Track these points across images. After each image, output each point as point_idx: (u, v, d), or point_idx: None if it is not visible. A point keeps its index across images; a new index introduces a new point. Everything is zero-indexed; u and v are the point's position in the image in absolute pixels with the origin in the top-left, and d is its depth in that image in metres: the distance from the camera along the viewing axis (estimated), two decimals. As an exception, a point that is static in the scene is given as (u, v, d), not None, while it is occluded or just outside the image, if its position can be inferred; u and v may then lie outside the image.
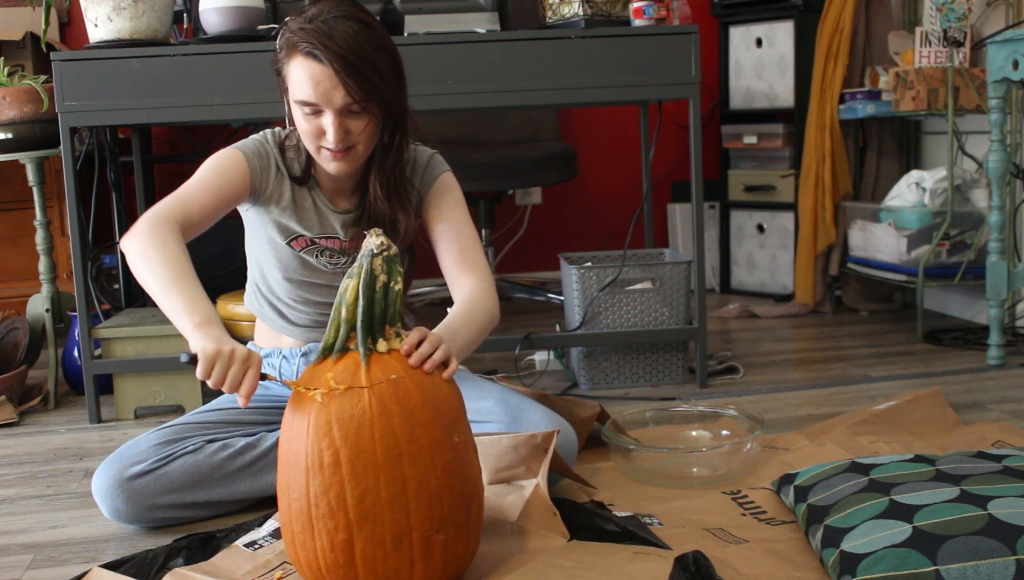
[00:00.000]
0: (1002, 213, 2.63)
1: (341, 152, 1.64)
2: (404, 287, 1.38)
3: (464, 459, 1.34)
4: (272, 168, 1.75)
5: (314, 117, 1.61)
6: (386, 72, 1.61)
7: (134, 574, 1.47)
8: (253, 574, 1.45)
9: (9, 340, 2.67)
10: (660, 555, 1.40)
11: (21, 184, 3.04)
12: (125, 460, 1.68)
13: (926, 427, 2.02)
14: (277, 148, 1.76)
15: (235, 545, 1.55)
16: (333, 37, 1.55)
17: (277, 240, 1.80)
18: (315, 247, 1.81)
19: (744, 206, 3.79)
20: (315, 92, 1.57)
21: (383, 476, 1.26)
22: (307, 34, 1.56)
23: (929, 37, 3.00)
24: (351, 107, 1.59)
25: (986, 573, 1.23)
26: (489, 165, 3.40)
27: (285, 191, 1.76)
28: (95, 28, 2.32)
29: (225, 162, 1.71)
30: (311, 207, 1.79)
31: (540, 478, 1.56)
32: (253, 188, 1.74)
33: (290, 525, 1.31)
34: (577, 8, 2.44)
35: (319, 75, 1.56)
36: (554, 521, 1.51)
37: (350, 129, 1.62)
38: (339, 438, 1.27)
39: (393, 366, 1.32)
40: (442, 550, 1.30)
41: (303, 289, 1.84)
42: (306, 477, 1.28)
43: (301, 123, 1.64)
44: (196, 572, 1.45)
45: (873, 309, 3.40)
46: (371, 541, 1.26)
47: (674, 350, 2.57)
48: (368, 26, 1.60)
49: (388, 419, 1.27)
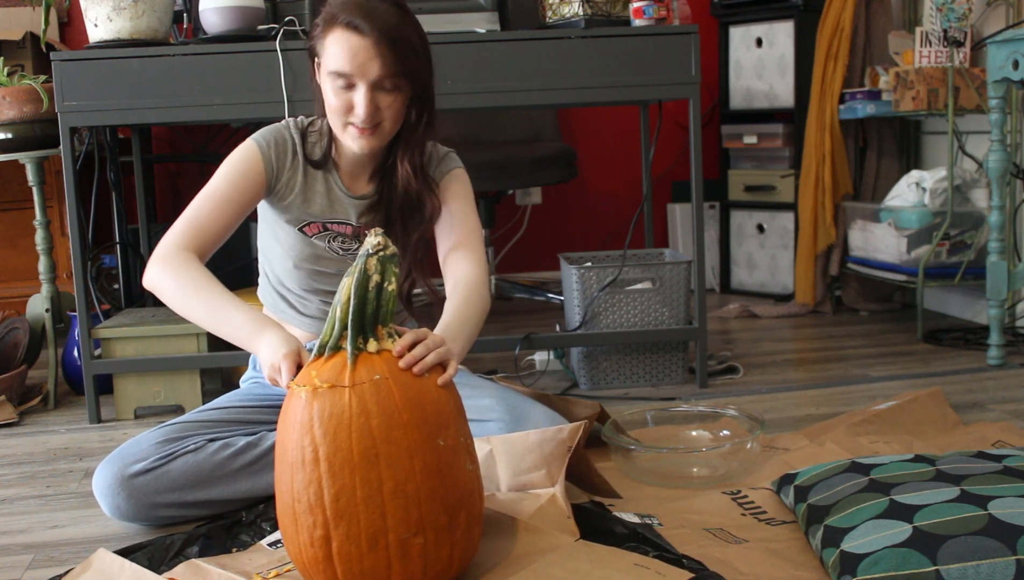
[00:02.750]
0: (1002, 213, 2.63)
1: (369, 129, 1.67)
2: (422, 278, 1.38)
3: (451, 463, 1.31)
4: (288, 154, 1.78)
5: (345, 91, 1.64)
6: (421, 52, 1.67)
7: (149, 558, 1.49)
8: (265, 567, 1.46)
9: (9, 340, 2.67)
10: (661, 572, 1.36)
11: (21, 184, 3.04)
12: (126, 458, 1.68)
13: (926, 427, 2.02)
14: (299, 133, 1.80)
15: (260, 545, 1.56)
16: (373, 13, 1.61)
17: (288, 227, 1.82)
18: (327, 233, 1.83)
19: (744, 206, 3.79)
20: (352, 63, 1.61)
21: (359, 476, 1.26)
22: (349, 8, 1.62)
23: (929, 37, 3.00)
24: (384, 82, 1.63)
25: (986, 573, 1.23)
26: (489, 165, 3.40)
27: (298, 176, 1.79)
28: (95, 28, 2.32)
29: (239, 167, 1.74)
30: (323, 191, 1.80)
31: (558, 487, 1.55)
32: (270, 180, 1.77)
33: (282, 518, 1.33)
34: (577, 8, 2.44)
35: (357, 46, 1.61)
36: (567, 523, 1.50)
37: (380, 105, 1.65)
38: (319, 435, 1.27)
39: (379, 367, 1.31)
40: (421, 554, 1.28)
41: (312, 278, 1.85)
42: (291, 472, 1.29)
43: (330, 98, 1.66)
44: (210, 563, 1.46)
45: (873, 309, 3.40)
46: (347, 539, 1.27)
47: (674, 350, 2.57)
48: (406, 11, 1.67)
49: (366, 419, 1.27)
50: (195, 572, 1.45)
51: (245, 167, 1.74)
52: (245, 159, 1.75)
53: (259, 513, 1.68)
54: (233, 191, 1.72)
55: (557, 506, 1.53)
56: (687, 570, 1.36)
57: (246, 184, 1.74)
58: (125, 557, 1.49)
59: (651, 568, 1.37)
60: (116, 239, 2.99)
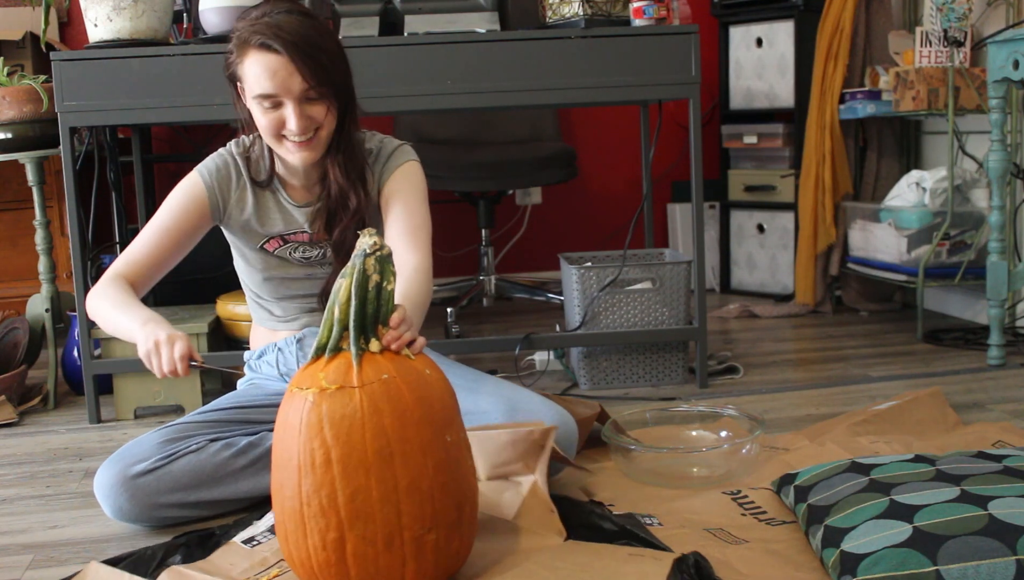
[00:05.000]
0: (1002, 213, 2.63)
1: (305, 141, 1.70)
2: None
3: (457, 458, 1.34)
4: (232, 179, 1.83)
5: (274, 110, 1.67)
6: (335, 56, 1.69)
7: (132, 570, 1.47)
8: (249, 572, 1.45)
9: (9, 340, 2.67)
10: (656, 557, 1.39)
11: (21, 184, 3.04)
12: (128, 459, 1.68)
13: (926, 427, 2.02)
14: (242, 157, 1.84)
15: (233, 542, 1.55)
16: (283, 27, 1.64)
17: (250, 245, 1.87)
18: (287, 245, 1.87)
19: (744, 206, 3.79)
20: (273, 82, 1.64)
21: (374, 475, 1.26)
22: (257, 28, 1.65)
23: (929, 37, 3.00)
24: (308, 93, 1.66)
25: (986, 573, 1.23)
26: (489, 165, 3.40)
27: (247, 198, 1.83)
28: (95, 28, 2.32)
29: (180, 198, 1.81)
30: (274, 207, 1.85)
31: (538, 475, 1.56)
32: (214, 208, 1.83)
33: (283, 523, 1.32)
34: (577, 8, 2.44)
35: (275, 64, 1.63)
36: (551, 518, 1.51)
37: (311, 115, 1.68)
38: (330, 437, 1.27)
39: (385, 366, 1.32)
40: (434, 549, 1.30)
41: (283, 285, 1.89)
42: (298, 476, 1.28)
43: (261, 119, 1.70)
44: (193, 570, 1.45)
45: (873, 309, 3.40)
46: (362, 540, 1.27)
47: (674, 350, 2.57)
48: (311, 17, 1.69)
49: (379, 419, 1.27)
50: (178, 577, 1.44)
51: (186, 199, 1.81)
52: (186, 192, 1.82)
53: (239, 520, 1.65)
54: (172, 221, 1.80)
55: (539, 498, 1.54)
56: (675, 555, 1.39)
57: (186, 215, 1.80)
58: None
59: (646, 555, 1.40)
60: (116, 239, 2.99)
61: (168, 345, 1.57)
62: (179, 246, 1.82)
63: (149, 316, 1.65)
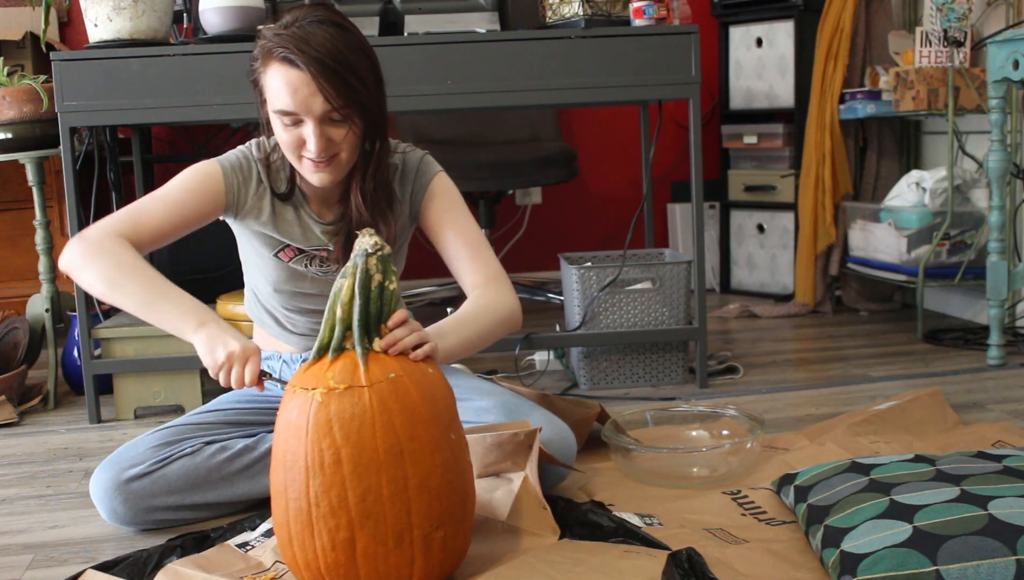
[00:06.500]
0: (1002, 213, 2.63)
1: (324, 162, 1.59)
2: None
3: (460, 456, 1.35)
4: (253, 182, 1.72)
5: (294, 127, 1.57)
6: (365, 75, 1.56)
7: (128, 574, 1.47)
8: (246, 572, 1.45)
9: (9, 340, 2.67)
10: (651, 554, 1.40)
11: (21, 184, 3.04)
12: (123, 462, 1.67)
13: (926, 427, 2.02)
14: (263, 161, 1.73)
15: (227, 544, 1.55)
16: (310, 41, 1.51)
17: (263, 252, 1.78)
18: (304, 256, 1.78)
19: (744, 206, 3.79)
20: (293, 100, 1.53)
21: (385, 474, 1.26)
22: (282, 39, 1.52)
23: (929, 37, 3.00)
24: (331, 114, 1.55)
25: (986, 573, 1.23)
26: (489, 165, 3.40)
27: (265, 206, 1.73)
28: (95, 28, 2.32)
29: (198, 178, 1.69)
30: (294, 220, 1.75)
31: (528, 470, 1.56)
32: (229, 204, 1.72)
33: (287, 525, 1.31)
34: (577, 8, 2.44)
35: (297, 82, 1.52)
36: (544, 515, 1.51)
37: (332, 137, 1.58)
38: (340, 437, 1.27)
39: (391, 365, 1.32)
40: (441, 546, 1.30)
41: (295, 299, 1.81)
42: (306, 477, 1.28)
43: (281, 134, 1.59)
44: (189, 567, 1.45)
45: (873, 309, 3.40)
46: (373, 539, 1.27)
47: (674, 350, 2.57)
48: (345, 29, 1.56)
49: (389, 418, 1.28)
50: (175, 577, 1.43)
51: (204, 179, 1.69)
52: (206, 173, 1.69)
53: (233, 524, 1.64)
54: (186, 197, 1.67)
55: (531, 494, 1.54)
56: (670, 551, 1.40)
57: (200, 196, 1.68)
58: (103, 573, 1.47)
59: (641, 552, 1.41)
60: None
61: (241, 362, 1.49)
62: (185, 226, 1.68)
63: (202, 313, 1.53)
